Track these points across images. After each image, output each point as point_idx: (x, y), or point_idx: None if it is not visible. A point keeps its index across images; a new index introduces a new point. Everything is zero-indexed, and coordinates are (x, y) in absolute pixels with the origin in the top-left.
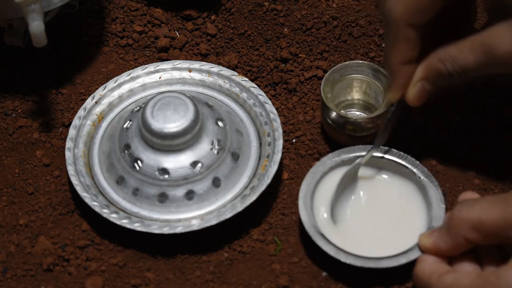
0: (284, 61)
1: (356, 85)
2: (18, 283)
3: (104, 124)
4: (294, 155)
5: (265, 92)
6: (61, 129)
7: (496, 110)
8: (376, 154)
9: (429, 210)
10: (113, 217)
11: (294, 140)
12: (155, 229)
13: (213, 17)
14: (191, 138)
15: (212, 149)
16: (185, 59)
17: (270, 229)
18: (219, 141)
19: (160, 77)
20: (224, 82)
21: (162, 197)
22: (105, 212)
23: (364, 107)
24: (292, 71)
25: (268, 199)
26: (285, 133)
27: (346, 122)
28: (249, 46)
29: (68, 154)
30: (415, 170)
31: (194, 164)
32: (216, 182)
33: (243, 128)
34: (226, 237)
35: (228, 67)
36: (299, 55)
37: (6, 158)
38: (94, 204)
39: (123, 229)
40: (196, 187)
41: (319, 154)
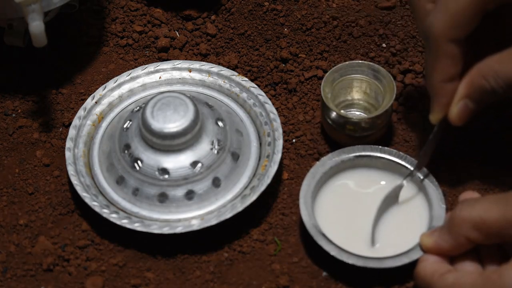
0: (284, 61)
1: (356, 85)
2: (18, 283)
3: (104, 124)
4: (294, 155)
5: (265, 92)
6: (61, 129)
7: (496, 110)
8: (376, 154)
9: (430, 210)
10: (113, 217)
11: (294, 140)
12: (155, 229)
13: (213, 17)
14: (191, 138)
15: (212, 149)
16: (185, 59)
17: (270, 229)
18: (219, 141)
19: (160, 77)
20: (224, 82)
21: (162, 197)
22: (105, 212)
23: (364, 107)
24: (292, 71)
25: (268, 199)
26: (285, 133)
27: (346, 122)
28: (249, 46)
29: (68, 154)
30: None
31: (194, 164)
32: (216, 182)
33: (243, 128)
34: (226, 237)
35: (228, 67)
36: (299, 55)
37: (6, 158)
38: (94, 204)
39: (123, 229)
40: (196, 187)
41: (319, 154)
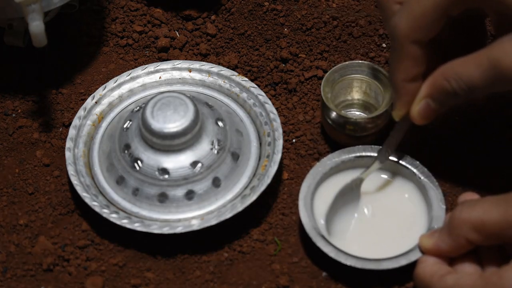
0: (284, 61)
1: (356, 85)
2: (18, 283)
3: (104, 124)
4: (294, 155)
5: (265, 92)
6: (61, 129)
7: (496, 110)
8: (376, 155)
9: (430, 211)
10: (113, 217)
11: (294, 140)
12: (155, 229)
13: (213, 17)
14: (191, 138)
15: (212, 149)
16: (185, 59)
17: (270, 229)
18: (219, 141)
19: (160, 77)
20: (224, 82)
21: (162, 197)
22: (105, 212)
23: (364, 107)
24: (292, 71)
25: (268, 199)
26: (285, 133)
27: (346, 122)
28: (249, 46)
29: (68, 154)
30: (415, 170)
31: (194, 164)
32: (216, 182)
33: (243, 128)
34: (226, 237)
35: (228, 67)
36: (299, 55)
37: (6, 158)
38: (94, 204)
39: (123, 229)
40: (196, 187)
41: (319, 154)
